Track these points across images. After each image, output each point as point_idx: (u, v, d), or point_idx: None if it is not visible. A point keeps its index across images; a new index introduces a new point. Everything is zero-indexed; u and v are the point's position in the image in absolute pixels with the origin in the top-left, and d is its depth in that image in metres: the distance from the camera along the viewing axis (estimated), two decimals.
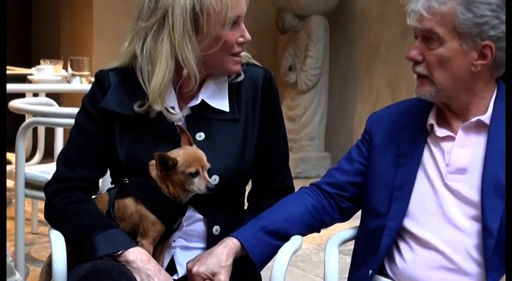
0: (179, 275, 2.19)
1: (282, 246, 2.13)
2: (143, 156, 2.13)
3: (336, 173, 2.25)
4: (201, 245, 2.21)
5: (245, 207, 2.32)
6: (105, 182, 2.57)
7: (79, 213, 2.14)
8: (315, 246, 4.67)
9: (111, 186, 2.23)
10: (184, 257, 2.19)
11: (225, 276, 2.06)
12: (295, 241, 2.15)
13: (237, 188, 2.24)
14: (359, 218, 2.22)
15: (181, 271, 2.19)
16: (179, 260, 2.20)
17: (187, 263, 2.12)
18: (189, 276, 2.09)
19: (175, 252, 2.21)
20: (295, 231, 2.17)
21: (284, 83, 6.76)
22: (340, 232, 2.25)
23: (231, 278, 2.07)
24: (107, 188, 2.24)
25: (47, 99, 4.54)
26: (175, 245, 2.21)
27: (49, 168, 3.67)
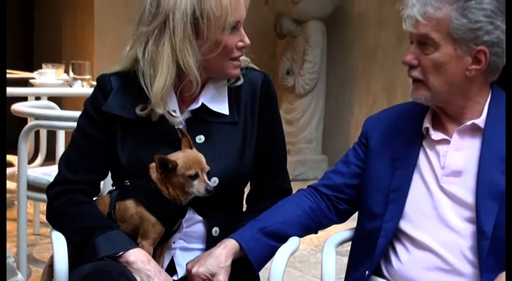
0: (179, 276, 2.20)
1: (280, 247, 2.13)
2: (145, 159, 2.13)
3: (333, 175, 2.26)
4: (201, 246, 2.21)
5: (244, 209, 2.33)
6: (106, 184, 2.58)
7: (80, 215, 2.14)
8: (313, 247, 4.67)
9: (112, 188, 2.24)
10: (184, 258, 2.19)
11: (224, 277, 2.07)
12: (293, 242, 2.15)
13: (236, 190, 2.25)
14: (356, 219, 2.23)
15: (181, 272, 2.19)
16: (179, 261, 2.21)
17: (186, 264, 2.13)
18: (189, 277, 2.10)
19: (175, 253, 2.21)
20: (293, 232, 2.17)
21: (282, 87, 6.76)
22: (337, 234, 2.25)
23: (230, 278, 2.08)
24: (108, 190, 2.25)
25: (49, 102, 4.53)
26: (175, 246, 2.21)
27: (51, 170, 3.64)
